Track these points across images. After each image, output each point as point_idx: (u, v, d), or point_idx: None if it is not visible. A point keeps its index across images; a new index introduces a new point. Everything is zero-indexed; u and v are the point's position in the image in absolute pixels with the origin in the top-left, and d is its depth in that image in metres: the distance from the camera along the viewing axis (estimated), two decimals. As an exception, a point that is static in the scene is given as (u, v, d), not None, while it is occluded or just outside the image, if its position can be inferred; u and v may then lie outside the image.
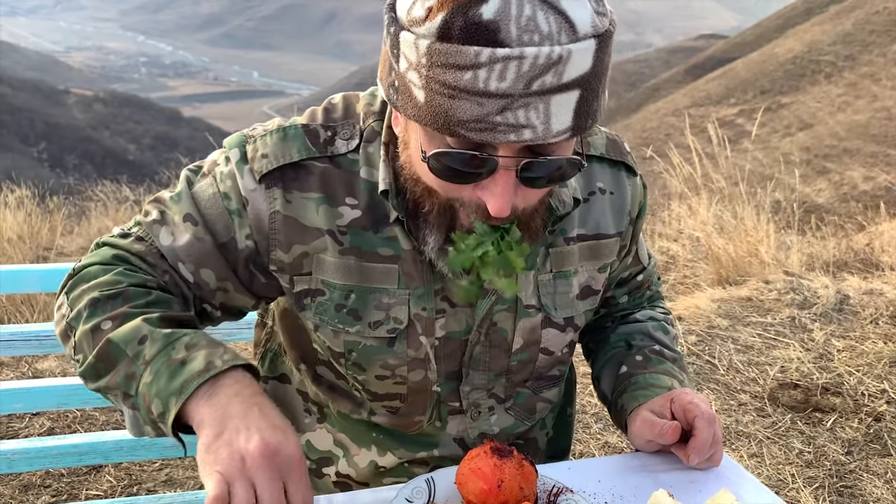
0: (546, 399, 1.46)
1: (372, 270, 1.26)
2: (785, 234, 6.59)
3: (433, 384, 1.32)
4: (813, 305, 4.64)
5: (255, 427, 0.97)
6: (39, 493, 3.05)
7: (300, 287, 1.27)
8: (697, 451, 1.21)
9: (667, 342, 1.48)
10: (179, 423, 1.04)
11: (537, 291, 1.33)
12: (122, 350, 1.08)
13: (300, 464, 0.98)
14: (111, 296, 1.15)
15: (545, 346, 1.37)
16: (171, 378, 1.03)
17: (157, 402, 1.03)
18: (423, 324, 1.28)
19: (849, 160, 13.91)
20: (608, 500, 1.16)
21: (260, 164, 1.23)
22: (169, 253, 1.24)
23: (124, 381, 1.07)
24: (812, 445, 3.32)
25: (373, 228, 1.25)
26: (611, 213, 1.39)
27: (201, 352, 1.05)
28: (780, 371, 3.90)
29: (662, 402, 1.28)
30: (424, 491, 1.12)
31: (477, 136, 1.00)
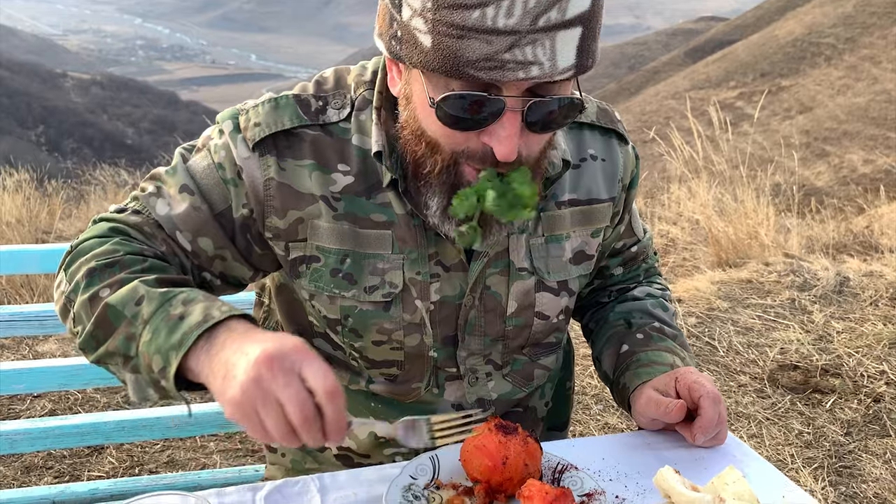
0: (543, 366, 1.47)
1: (366, 237, 1.27)
2: (785, 217, 6.59)
3: (429, 349, 1.33)
4: (813, 287, 4.64)
5: (250, 350, 0.96)
6: (42, 475, 3.06)
7: (295, 254, 1.28)
8: (703, 431, 1.21)
9: (666, 319, 1.48)
10: (183, 379, 1.03)
11: (529, 255, 1.34)
12: (120, 312, 1.07)
13: (305, 352, 0.96)
14: (108, 264, 1.15)
15: (540, 311, 1.38)
16: (169, 333, 1.02)
17: (157, 358, 1.02)
18: (417, 288, 1.29)
19: (848, 143, 13.88)
20: (612, 477, 1.16)
21: (253, 133, 1.24)
22: (166, 222, 1.24)
23: (124, 342, 1.07)
24: (811, 426, 3.33)
25: (366, 194, 1.26)
26: (602, 179, 1.40)
27: (198, 305, 1.05)
28: (780, 353, 3.91)
29: (667, 380, 1.28)
30: (429, 468, 1.12)
31: (486, 74, 1.01)
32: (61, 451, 3.18)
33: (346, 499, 1.08)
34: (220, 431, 1.95)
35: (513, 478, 1.05)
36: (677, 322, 1.52)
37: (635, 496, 1.12)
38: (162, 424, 1.89)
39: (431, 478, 1.11)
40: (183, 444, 3.27)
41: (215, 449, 3.24)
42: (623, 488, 1.14)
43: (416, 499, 1.06)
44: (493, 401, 1.41)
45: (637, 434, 1.30)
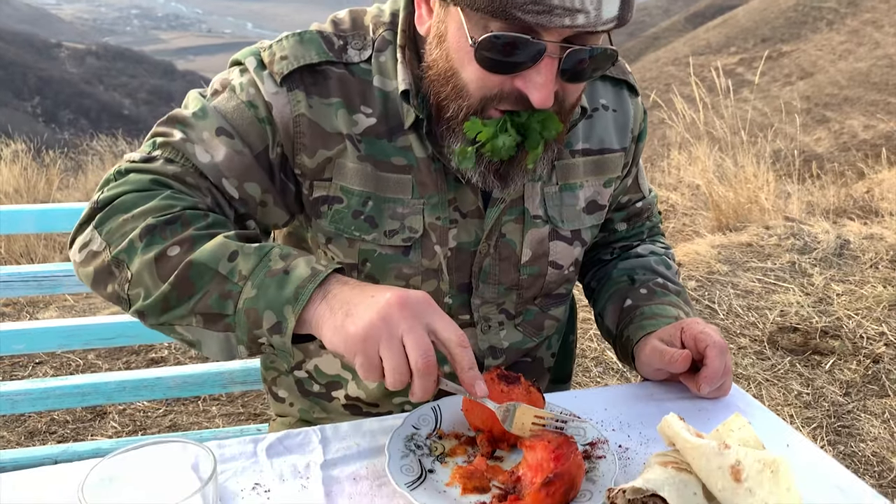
0: (553, 317, 1.47)
1: (386, 180, 1.25)
2: (785, 182, 6.57)
3: (445, 296, 1.33)
4: (813, 250, 4.63)
5: (376, 293, 0.97)
6: (45, 439, 3.07)
7: (318, 193, 1.26)
8: (708, 381, 1.20)
9: (670, 276, 1.48)
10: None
11: (544, 203, 1.34)
12: (210, 270, 1.03)
13: (433, 304, 0.99)
14: (168, 221, 1.08)
15: (553, 260, 1.38)
16: (279, 288, 1.00)
17: (269, 314, 1.00)
18: (437, 233, 1.29)
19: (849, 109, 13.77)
20: (615, 427, 1.16)
21: (280, 66, 1.20)
22: (211, 170, 1.18)
23: (217, 301, 1.02)
24: (811, 387, 3.34)
25: (387, 137, 1.24)
26: (614, 129, 1.41)
27: (299, 260, 1.03)
28: (780, 315, 3.91)
29: (672, 330, 1.28)
30: (431, 418, 1.12)
31: (533, 18, 1.00)
32: (64, 416, 3.19)
33: (349, 449, 1.08)
34: (221, 391, 1.94)
35: (515, 426, 1.04)
36: (680, 277, 1.51)
37: (638, 445, 1.12)
38: (163, 385, 1.88)
39: (434, 428, 1.11)
40: (185, 408, 3.28)
41: (217, 413, 3.25)
42: (626, 438, 1.14)
43: (418, 448, 1.06)
44: (504, 349, 1.41)
45: (640, 385, 1.29)
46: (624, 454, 1.09)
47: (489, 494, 0.97)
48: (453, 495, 0.97)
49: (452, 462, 1.05)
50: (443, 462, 1.05)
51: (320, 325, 0.99)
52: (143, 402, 3.29)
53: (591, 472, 1.01)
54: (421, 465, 1.02)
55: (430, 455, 1.06)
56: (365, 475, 1.03)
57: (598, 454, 1.05)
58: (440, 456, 1.06)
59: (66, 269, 1.77)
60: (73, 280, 1.77)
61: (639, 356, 1.31)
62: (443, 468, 1.03)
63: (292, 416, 1.48)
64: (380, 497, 0.98)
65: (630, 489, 0.93)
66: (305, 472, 1.03)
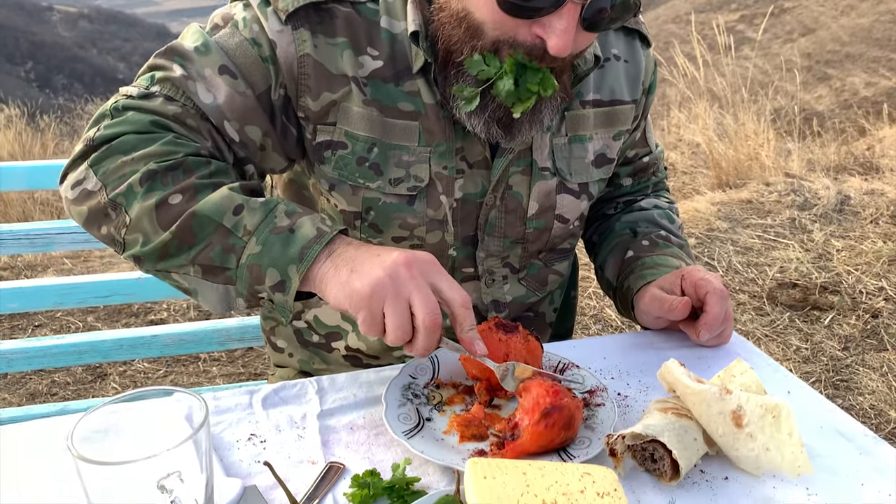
0: (557, 272, 1.45)
1: (392, 127, 1.21)
2: (785, 140, 6.51)
3: (449, 247, 1.30)
4: (813, 206, 4.60)
5: (382, 252, 0.97)
6: (46, 400, 3.08)
7: (322, 138, 1.22)
8: (708, 327, 1.19)
9: (673, 229, 1.46)
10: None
11: (552, 154, 1.31)
12: (213, 222, 1.00)
13: (439, 265, 0.98)
14: (170, 167, 1.05)
15: (560, 213, 1.35)
16: (284, 246, 0.99)
17: (272, 272, 0.98)
18: (443, 183, 1.25)
19: (851, 66, 13.60)
20: (614, 375, 1.15)
21: (285, 3, 1.15)
22: (213, 112, 1.14)
23: (220, 254, 1.00)
24: (809, 342, 3.34)
25: (394, 81, 1.20)
26: (625, 80, 1.37)
27: (304, 219, 1.02)
28: (780, 271, 3.90)
29: (672, 278, 1.26)
30: (428, 368, 1.11)
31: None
32: (65, 378, 3.20)
33: (346, 400, 1.07)
34: (219, 349, 1.93)
35: (513, 375, 1.03)
36: (683, 232, 1.49)
37: (637, 393, 1.11)
38: (160, 342, 1.87)
39: (431, 377, 1.10)
40: (186, 368, 3.28)
41: (218, 373, 3.26)
42: (625, 386, 1.12)
43: (415, 397, 1.05)
44: (507, 304, 1.39)
45: (639, 334, 1.28)
46: (623, 402, 1.08)
47: (487, 442, 0.97)
48: (451, 443, 0.96)
49: (450, 410, 1.04)
50: (440, 411, 1.04)
51: (324, 283, 0.98)
52: (143, 363, 3.30)
53: (590, 420, 1.00)
54: (419, 414, 1.01)
55: (428, 404, 1.05)
56: (362, 425, 1.02)
57: (596, 402, 1.04)
58: (438, 405, 1.05)
59: (59, 227, 1.74)
60: (66, 238, 1.75)
61: (638, 305, 1.29)
62: (440, 416, 1.02)
63: (292, 368, 1.47)
64: (377, 446, 0.97)
65: (629, 435, 0.92)
66: (302, 422, 1.02)
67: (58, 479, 0.91)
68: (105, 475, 0.69)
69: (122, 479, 0.70)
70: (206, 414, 0.77)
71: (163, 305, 3.70)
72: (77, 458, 0.69)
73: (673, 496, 0.89)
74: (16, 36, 61.60)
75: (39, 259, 4.43)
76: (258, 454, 0.95)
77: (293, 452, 0.96)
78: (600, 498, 0.80)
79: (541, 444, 0.91)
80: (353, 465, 0.94)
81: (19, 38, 62.03)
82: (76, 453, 0.69)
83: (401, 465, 0.90)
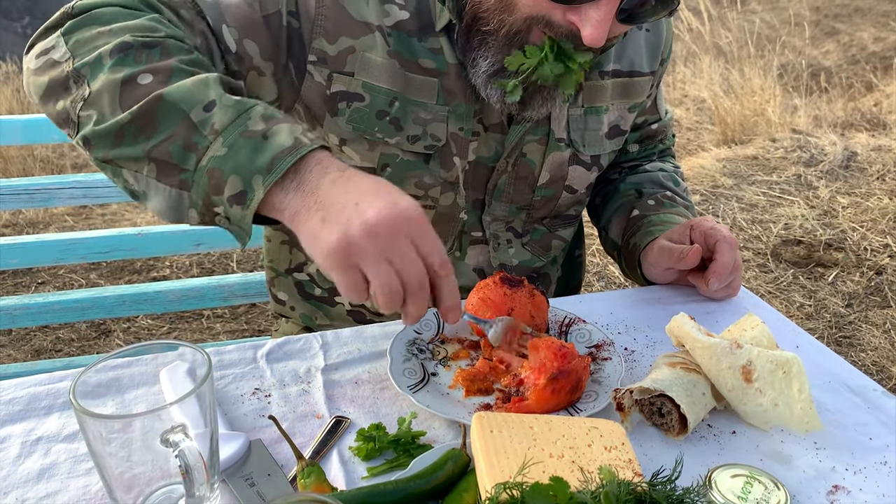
0: (560, 237, 1.43)
1: (411, 81, 1.16)
2: (792, 96, 6.43)
3: (461, 210, 1.28)
4: (819, 163, 4.56)
5: (361, 199, 0.81)
6: (51, 356, 3.10)
7: (337, 88, 1.16)
8: (718, 275, 1.16)
9: (678, 191, 1.43)
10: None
11: (568, 126, 1.27)
12: (181, 111, 0.87)
13: (422, 218, 0.83)
14: (147, 44, 0.93)
15: (570, 184, 1.32)
16: (253, 153, 0.84)
17: (234, 179, 0.84)
18: (458, 144, 1.21)
19: (860, 20, 13.40)
20: (621, 330, 1.14)
21: None
22: (212, 10, 1.05)
23: (179, 151, 0.86)
24: (813, 299, 3.34)
25: (417, 35, 1.14)
26: (646, 50, 1.33)
27: (283, 125, 0.87)
28: (784, 228, 3.88)
29: (681, 229, 1.23)
30: (433, 324, 1.10)
31: None
32: (69, 335, 3.21)
33: (350, 354, 1.06)
34: (221, 304, 1.93)
35: (519, 329, 1.02)
36: (689, 195, 1.47)
37: (644, 348, 1.10)
38: (163, 298, 1.87)
39: (436, 332, 1.09)
40: (189, 325, 3.29)
41: (221, 330, 3.27)
42: (632, 341, 1.11)
43: (420, 352, 1.04)
44: (514, 267, 1.38)
45: (647, 289, 1.27)
46: (630, 356, 1.07)
47: (492, 396, 0.96)
48: (457, 397, 0.96)
49: (455, 365, 1.03)
50: (445, 366, 1.03)
51: (293, 219, 0.85)
52: (147, 319, 3.30)
53: (597, 374, 0.99)
54: (423, 369, 1.00)
55: (433, 359, 1.04)
56: (367, 379, 1.01)
57: (603, 356, 1.03)
58: (443, 360, 1.04)
59: (58, 181, 1.72)
60: (66, 194, 1.74)
61: (646, 259, 1.27)
62: (445, 371, 1.01)
63: (294, 323, 1.46)
64: (382, 400, 0.97)
65: (637, 389, 0.91)
66: (306, 376, 1.01)
67: (63, 434, 0.90)
68: (109, 429, 0.68)
69: (127, 433, 0.69)
70: (209, 368, 0.76)
71: (165, 263, 3.70)
72: (80, 412, 0.68)
73: (680, 450, 0.89)
74: (11, -9, 60.72)
75: (41, 216, 4.42)
76: (263, 408, 0.95)
77: (298, 406, 0.95)
78: (607, 452, 0.79)
79: (547, 407, 0.90)
80: (358, 419, 0.93)
81: (15, -8, 61.14)
82: (79, 407, 0.68)
83: (407, 419, 0.89)
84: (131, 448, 0.71)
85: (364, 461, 0.86)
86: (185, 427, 0.70)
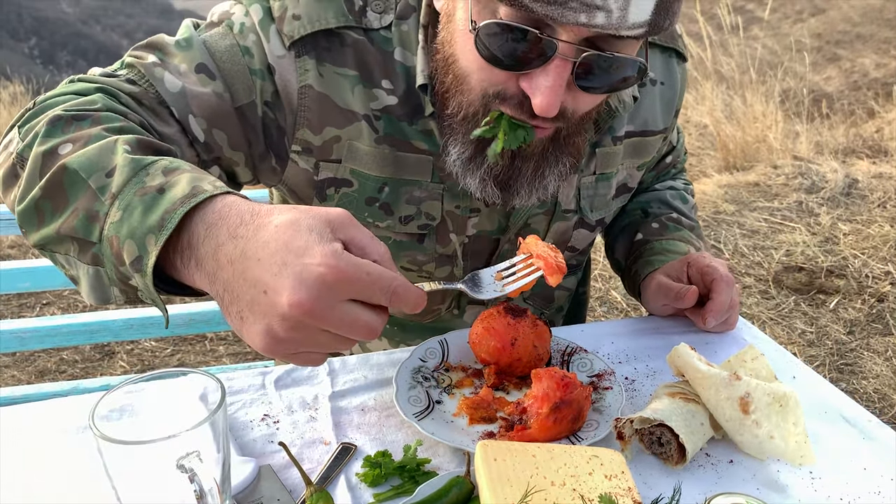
0: (564, 287, 1.43)
1: (405, 161, 1.13)
2: (794, 122, 6.49)
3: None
4: (821, 190, 4.59)
5: (266, 285, 0.69)
6: (55, 378, 3.12)
7: (325, 175, 1.13)
8: (714, 314, 1.19)
9: (685, 210, 1.45)
10: (163, 273, 0.78)
11: (578, 195, 1.25)
12: (82, 180, 0.80)
13: (344, 274, 0.68)
14: (78, 116, 0.89)
15: (572, 245, 1.33)
16: (146, 211, 0.74)
17: (129, 245, 0.75)
18: (455, 221, 1.20)
19: (861, 46, 13.46)
20: (622, 360, 1.16)
21: (291, 28, 1.05)
22: (177, 101, 1.02)
23: (83, 224, 0.79)
24: (814, 326, 3.35)
25: (407, 119, 1.11)
26: (660, 106, 1.29)
27: (184, 175, 0.77)
28: (786, 255, 3.90)
29: (678, 265, 1.26)
30: (438, 351, 1.12)
31: (542, 8, 0.85)
32: (73, 356, 3.23)
33: (356, 381, 1.09)
34: (227, 329, 1.95)
35: (521, 358, 1.05)
36: (696, 212, 1.48)
37: (645, 377, 1.12)
38: (171, 322, 1.89)
39: (441, 360, 1.11)
40: (193, 347, 3.31)
41: (225, 353, 3.29)
42: (632, 370, 1.14)
43: (425, 380, 1.06)
44: None
45: (646, 319, 1.29)
46: (630, 386, 1.10)
47: (496, 424, 0.98)
48: (461, 425, 0.98)
49: (459, 393, 1.05)
50: (450, 393, 1.05)
51: (218, 299, 0.74)
52: (151, 341, 3.33)
53: (598, 403, 1.01)
54: (428, 397, 1.03)
55: (438, 387, 1.06)
56: (373, 406, 1.03)
57: (604, 385, 1.05)
58: (447, 387, 1.06)
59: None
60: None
61: (645, 293, 1.30)
62: (450, 399, 1.04)
63: None
64: (388, 427, 0.99)
65: (637, 419, 0.93)
66: (314, 403, 1.04)
67: (73, 457, 0.93)
68: (127, 454, 0.71)
69: (144, 458, 0.71)
70: (222, 394, 0.78)
71: (170, 284, 3.72)
72: (99, 437, 0.70)
73: (679, 479, 0.91)
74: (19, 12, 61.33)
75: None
76: (272, 434, 0.97)
77: (306, 433, 0.98)
78: (608, 480, 0.82)
79: (549, 436, 0.93)
80: (365, 446, 0.95)
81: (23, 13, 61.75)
82: (98, 433, 0.71)
83: (412, 446, 0.91)
84: (145, 472, 0.73)
85: (370, 487, 0.88)
86: (199, 453, 0.72)
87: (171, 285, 0.79)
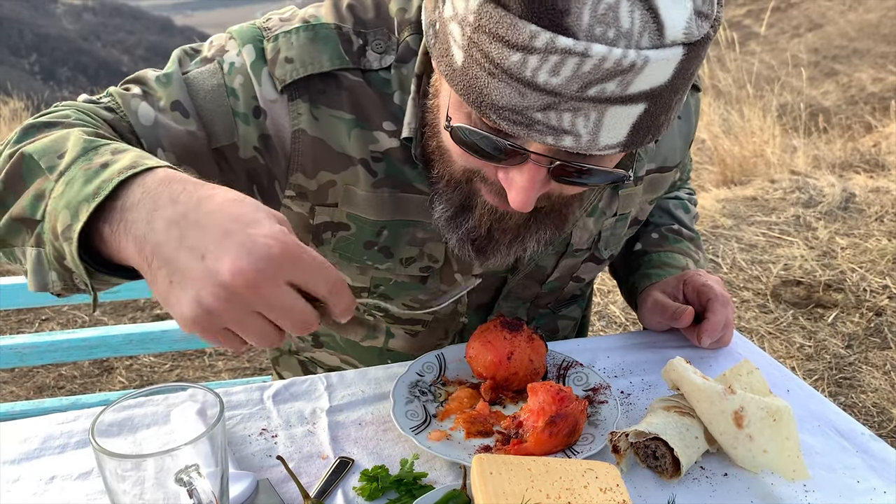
0: (568, 317, 1.42)
1: (406, 201, 1.10)
2: (791, 136, 6.52)
3: (461, 316, 1.26)
4: (818, 204, 4.61)
5: (206, 250, 0.67)
6: (54, 393, 3.12)
7: (321, 219, 1.11)
8: (709, 333, 1.20)
9: (686, 221, 1.45)
10: (95, 253, 0.75)
11: (598, 237, 1.24)
12: (36, 165, 0.80)
13: (287, 253, 0.67)
14: (49, 123, 0.90)
15: (579, 275, 1.31)
16: (86, 183, 0.73)
17: (64, 214, 0.73)
18: (461, 262, 1.16)
19: (858, 61, 13.55)
20: (617, 374, 1.17)
21: (283, 71, 1.01)
22: (147, 133, 0.99)
23: (31, 203, 0.78)
24: (813, 340, 3.36)
25: (409, 164, 1.07)
26: (679, 141, 1.27)
27: (130, 153, 0.76)
28: (784, 269, 3.91)
29: (674, 282, 1.27)
30: (435, 366, 1.13)
31: (509, 127, 0.82)
32: (72, 372, 3.23)
33: (354, 396, 1.09)
34: (227, 344, 1.96)
35: (518, 373, 1.06)
36: (697, 222, 1.48)
37: (640, 392, 1.13)
38: (169, 338, 1.90)
39: (438, 375, 1.12)
40: (191, 363, 3.31)
41: (223, 368, 3.29)
42: (628, 384, 1.15)
43: (422, 395, 1.07)
44: None
45: (642, 333, 1.30)
46: (626, 399, 1.11)
47: (492, 438, 0.99)
48: (457, 439, 0.99)
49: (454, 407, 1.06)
50: (446, 409, 1.06)
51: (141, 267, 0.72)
52: (150, 357, 3.33)
53: (594, 417, 1.02)
54: (425, 411, 1.03)
55: (435, 401, 1.07)
56: (370, 421, 1.04)
57: (600, 399, 1.06)
58: (444, 402, 1.07)
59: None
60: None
61: (642, 308, 1.31)
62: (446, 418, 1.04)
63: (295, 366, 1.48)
64: (385, 441, 1.00)
65: (633, 433, 0.94)
66: (312, 417, 1.04)
67: (77, 472, 0.93)
68: (125, 467, 0.72)
69: (144, 471, 0.72)
70: (221, 409, 0.79)
71: (170, 300, 3.73)
72: (99, 451, 0.71)
73: (673, 492, 0.91)
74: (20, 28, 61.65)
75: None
76: (270, 448, 0.98)
77: (304, 447, 0.98)
78: (603, 493, 0.82)
79: (545, 450, 0.93)
80: (362, 460, 0.96)
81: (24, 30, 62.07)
82: (98, 447, 0.71)
83: (409, 460, 0.92)
84: (144, 486, 0.74)
85: (368, 501, 0.89)
86: (198, 466, 0.73)
87: (103, 265, 0.76)
